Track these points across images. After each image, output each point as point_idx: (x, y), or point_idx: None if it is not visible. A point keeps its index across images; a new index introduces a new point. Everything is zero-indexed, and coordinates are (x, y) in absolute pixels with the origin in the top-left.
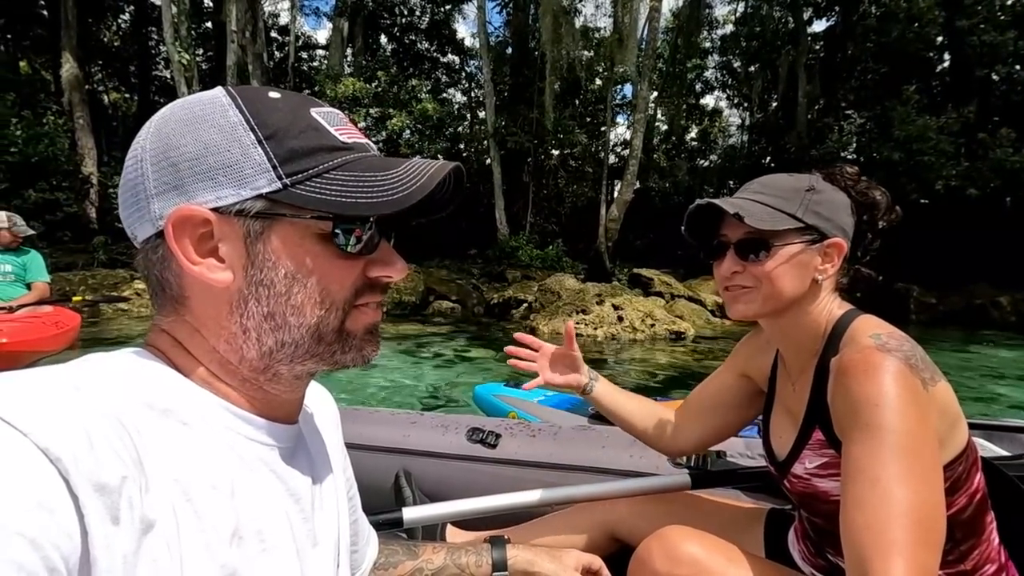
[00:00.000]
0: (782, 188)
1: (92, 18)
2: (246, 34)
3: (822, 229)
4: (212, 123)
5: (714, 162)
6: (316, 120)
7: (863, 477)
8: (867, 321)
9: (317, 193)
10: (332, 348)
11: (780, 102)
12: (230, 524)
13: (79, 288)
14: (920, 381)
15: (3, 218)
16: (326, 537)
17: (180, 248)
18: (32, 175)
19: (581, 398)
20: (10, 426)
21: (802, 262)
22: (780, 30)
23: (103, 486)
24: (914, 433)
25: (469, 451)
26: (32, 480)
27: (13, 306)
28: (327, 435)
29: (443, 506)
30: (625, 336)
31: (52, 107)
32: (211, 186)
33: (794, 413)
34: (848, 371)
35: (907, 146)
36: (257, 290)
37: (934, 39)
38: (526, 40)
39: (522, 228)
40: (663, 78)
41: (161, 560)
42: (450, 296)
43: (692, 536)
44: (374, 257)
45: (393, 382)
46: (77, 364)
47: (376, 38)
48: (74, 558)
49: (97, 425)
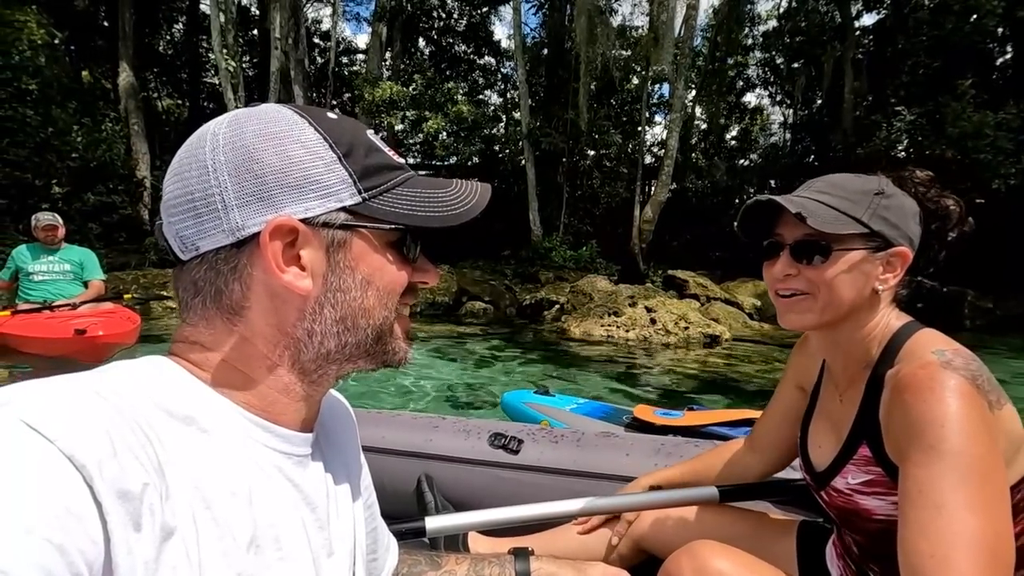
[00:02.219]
0: (849, 189)
1: (148, 28)
2: (289, 40)
3: (888, 236)
4: (294, 138)
5: (754, 161)
6: (374, 141)
7: (927, 502)
8: (929, 335)
9: (391, 207)
10: (386, 347)
11: (825, 99)
12: (248, 532)
13: (131, 287)
14: (987, 403)
15: (50, 218)
16: (342, 546)
17: (271, 256)
18: (91, 179)
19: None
20: (37, 433)
21: (863, 270)
22: (826, 25)
23: (126, 493)
24: (982, 457)
25: (491, 456)
26: (58, 486)
27: (76, 302)
28: (344, 443)
29: (466, 516)
30: (657, 339)
31: (110, 114)
32: (298, 198)
33: (838, 425)
34: (909, 387)
35: (961, 143)
36: (335, 296)
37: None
38: (562, 41)
39: (556, 229)
40: (702, 76)
41: (180, 567)
42: (483, 297)
43: (722, 552)
44: (417, 265)
45: (424, 381)
46: (101, 372)
47: (414, 41)
48: (98, 564)
49: (120, 432)
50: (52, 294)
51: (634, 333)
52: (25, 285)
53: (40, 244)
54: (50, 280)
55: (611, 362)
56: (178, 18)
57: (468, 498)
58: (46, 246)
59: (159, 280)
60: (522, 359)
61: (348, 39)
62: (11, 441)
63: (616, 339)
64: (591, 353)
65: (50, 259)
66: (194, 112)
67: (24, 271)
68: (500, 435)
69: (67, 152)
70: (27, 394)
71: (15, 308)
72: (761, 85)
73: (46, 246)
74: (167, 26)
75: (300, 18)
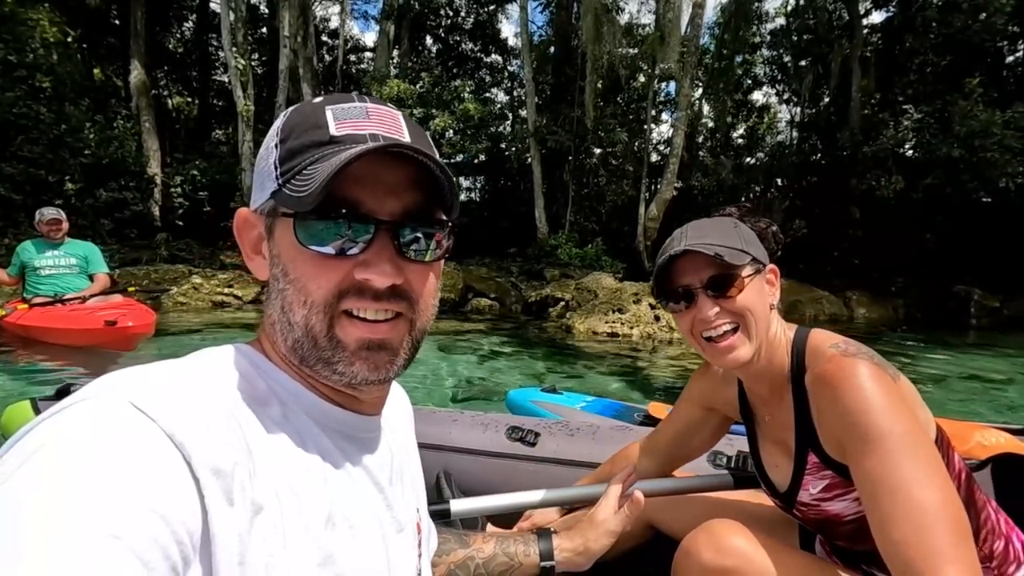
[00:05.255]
0: (716, 228)
1: (159, 26)
2: (298, 39)
3: (759, 257)
4: (269, 133)
5: (761, 160)
6: (324, 117)
7: (882, 490)
8: (819, 335)
9: (295, 190)
10: (326, 355)
11: (832, 97)
12: (324, 509)
13: (143, 282)
14: (890, 376)
15: (54, 212)
16: (407, 526)
17: (240, 244)
18: (103, 176)
19: (624, 406)
20: (142, 413)
21: (760, 291)
22: (834, 22)
23: (219, 470)
24: (909, 430)
25: (509, 449)
26: (161, 462)
27: (85, 296)
28: (404, 430)
29: (487, 500)
30: (662, 335)
31: (121, 111)
32: (256, 189)
33: (783, 441)
34: (827, 384)
35: (969, 142)
36: (273, 284)
37: (1002, 29)
38: (568, 39)
39: (562, 227)
40: (709, 74)
41: (270, 539)
42: (489, 294)
43: (738, 530)
44: (362, 259)
45: (429, 377)
46: (193, 359)
47: (422, 39)
48: (197, 533)
49: (213, 415)
50: (60, 288)
51: (638, 330)
52: (32, 280)
53: (44, 239)
54: (57, 274)
55: (616, 359)
56: (188, 16)
57: (487, 490)
58: (51, 241)
59: (169, 276)
60: (527, 356)
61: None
62: (120, 420)
63: (620, 336)
64: (596, 350)
65: (55, 253)
66: (204, 110)
67: (30, 266)
68: (517, 428)
69: (80, 149)
70: (132, 378)
71: (30, 301)
72: (768, 83)
73: (51, 241)
74: (178, 24)
75: (309, 16)
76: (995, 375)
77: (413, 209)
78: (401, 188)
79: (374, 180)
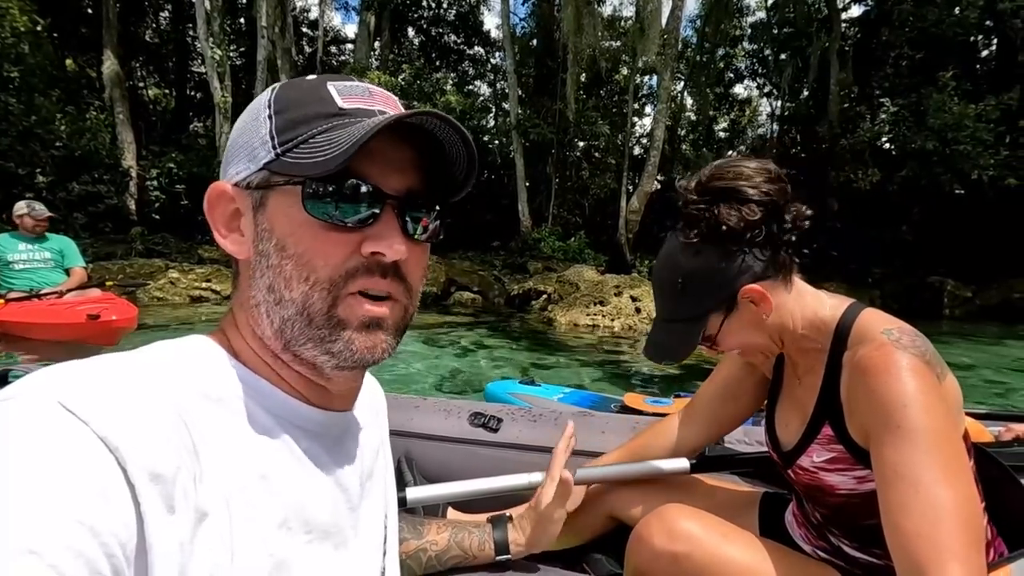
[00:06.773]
0: (666, 293)
1: (133, 16)
2: (276, 29)
3: (721, 296)
4: (252, 107)
5: (743, 153)
6: (327, 91)
7: (904, 482)
8: (873, 315)
9: (302, 158)
10: (322, 333)
11: (811, 91)
12: (279, 514)
13: (118, 276)
14: (936, 376)
15: (22, 207)
16: (371, 527)
17: (211, 221)
18: (76, 169)
19: (600, 397)
20: (71, 414)
21: (742, 324)
22: (813, 16)
23: (159, 475)
24: (942, 429)
25: (471, 435)
26: (91, 468)
27: (62, 290)
28: (376, 425)
29: (445, 487)
30: (643, 327)
31: (94, 103)
32: (234, 163)
33: (802, 405)
34: (869, 370)
35: (943, 134)
36: (260, 261)
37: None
38: (551, 31)
39: (545, 220)
40: (691, 67)
41: (215, 548)
42: (471, 287)
43: (690, 514)
44: (372, 232)
45: (410, 370)
46: (138, 353)
47: (403, 31)
48: (131, 545)
49: (154, 415)
50: (36, 282)
51: (619, 322)
52: (6, 274)
53: (19, 233)
54: (32, 268)
55: (597, 351)
56: (164, 6)
57: (448, 476)
58: (27, 235)
59: (145, 270)
60: (509, 348)
61: (336, 28)
62: (46, 422)
63: (602, 328)
64: (577, 342)
65: (30, 247)
66: (181, 101)
67: (3, 260)
68: (480, 414)
69: (51, 141)
70: (65, 375)
71: (5, 296)
72: (750, 76)
73: (27, 235)
74: (153, 14)
75: (287, 6)
76: (964, 360)
77: (415, 189)
78: (406, 167)
79: (383, 157)
